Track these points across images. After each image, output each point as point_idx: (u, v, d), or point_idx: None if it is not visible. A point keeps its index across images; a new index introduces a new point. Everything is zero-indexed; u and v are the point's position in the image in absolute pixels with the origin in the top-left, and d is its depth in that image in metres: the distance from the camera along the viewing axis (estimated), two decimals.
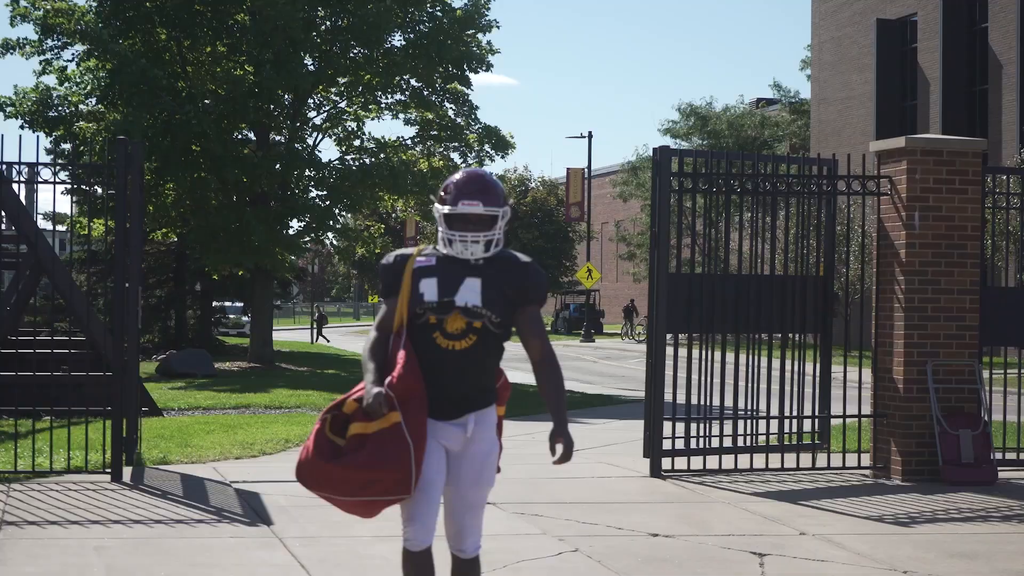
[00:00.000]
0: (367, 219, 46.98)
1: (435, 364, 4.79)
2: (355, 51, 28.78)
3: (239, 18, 27.87)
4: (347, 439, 4.74)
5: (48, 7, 27.32)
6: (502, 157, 31.00)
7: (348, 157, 29.96)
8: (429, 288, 4.78)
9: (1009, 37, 38.50)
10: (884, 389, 11.02)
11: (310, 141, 30.10)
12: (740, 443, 11.03)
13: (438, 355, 4.78)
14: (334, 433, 4.78)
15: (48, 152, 28.78)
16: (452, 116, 30.27)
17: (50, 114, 27.57)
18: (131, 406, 10.57)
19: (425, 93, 29.72)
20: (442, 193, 4.85)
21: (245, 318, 50.95)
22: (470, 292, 4.77)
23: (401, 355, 4.73)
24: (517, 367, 30.63)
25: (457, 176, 4.87)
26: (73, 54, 28.31)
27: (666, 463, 10.79)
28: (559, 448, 4.92)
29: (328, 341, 51.11)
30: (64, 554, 7.39)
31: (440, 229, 4.81)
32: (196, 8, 26.98)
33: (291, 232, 29.46)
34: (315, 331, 52.33)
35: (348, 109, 30.47)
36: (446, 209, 4.79)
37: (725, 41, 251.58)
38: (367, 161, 29.54)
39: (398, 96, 30.17)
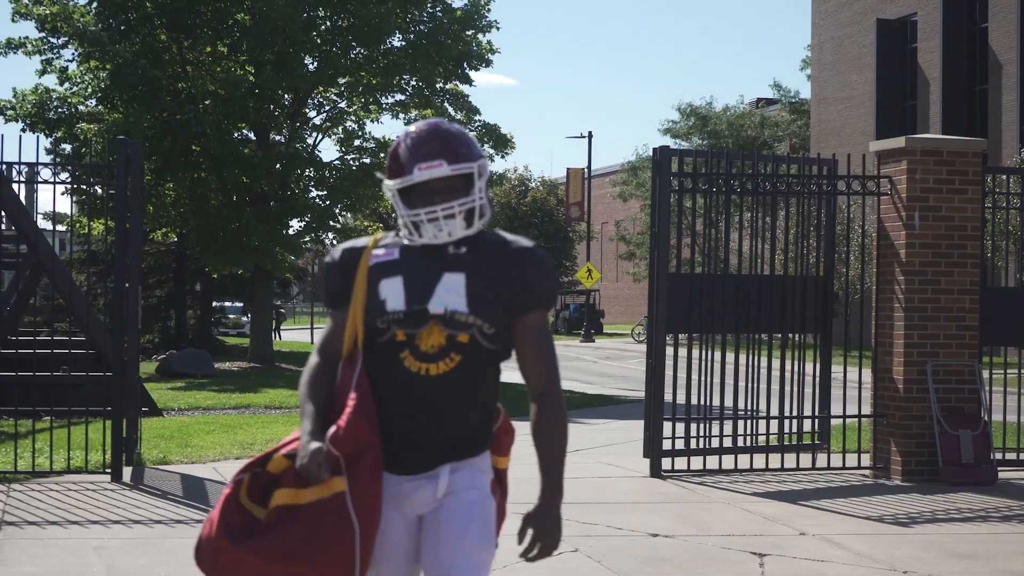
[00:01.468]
0: (367, 219, 46.99)
1: (402, 396, 3.37)
2: (355, 51, 28.79)
3: (239, 18, 27.87)
4: (269, 510, 3.34)
5: (47, 11, 27.32)
6: (502, 156, 31.00)
7: (348, 157, 29.97)
8: (392, 292, 3.39)
9: (1009, 37, 38.49)
10: (884, 389, 11.02)
11: (310, 141, 30.12)
12: (740, 443, 11.03)
13: (407, 383, 3.37)
14: (252, 500, 3.40)
15: (48, 152, 28.79)
16: (452, 114, 30.27)
17: (49, 116, 27.57)
18: (131, 406, 10.57)
19: (426, 93, 29.74)
20: (389, 164, 3.46)
21: (245, 318, 50.96)
22: (450, 293, 3.38)
23: (352, 396, 3.36)
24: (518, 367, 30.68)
25: (404, 135, 3.46)
26: (73, 54, 28.33)
27: (666, 463, 10.79)
28: (529, 534, 3.48)
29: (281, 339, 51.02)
30: (64, 554, 7.40)
31: (399, 213, 3.44)
32: (196, 8, 26.97)
33: (291, 232, 29.46)
34: (275, 330, 52.23)
35: (348, 109, 30.49)
36: (397, 183, 3.41)
37: (725, 41, 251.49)
38: (367, 161, 29.56)
39: (398, 96, 30.19)
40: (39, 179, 10.47)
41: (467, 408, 3.43)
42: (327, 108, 30.68)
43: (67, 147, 27.52)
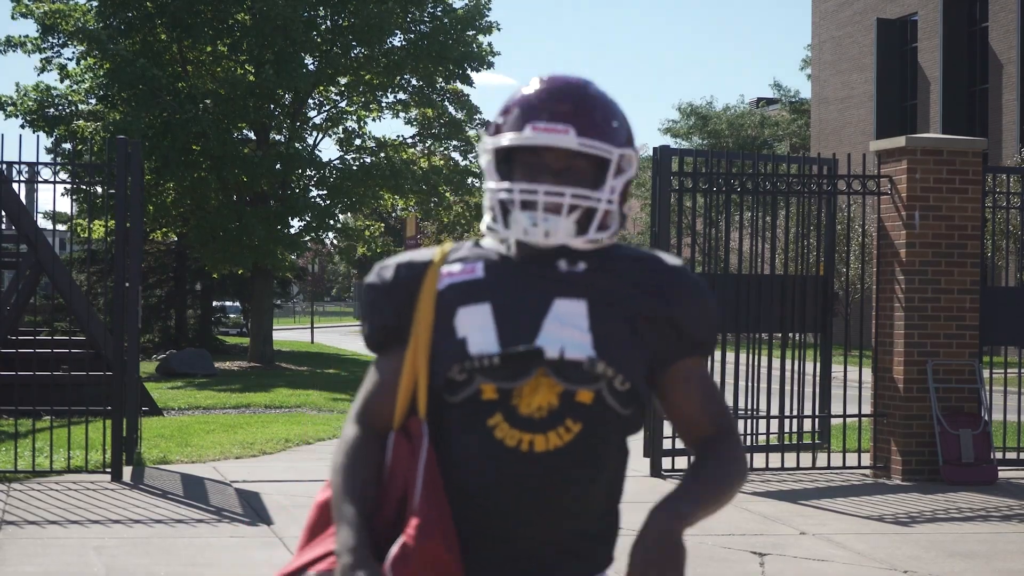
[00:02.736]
0: (367, 219, 47.03)
1: (490, 484, 2.27)
2: (356, 51, 28.79)
3: (239, 18, 27.87)
4: None
5: (47, 8, 27.33)
6: None
7: (348, 157, 29.98)
8: (477, 326, 2.31)
9: (1009, 37, 38.49)
10: (884, 389, 11.02)
11: (310, 141, 30.12)
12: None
13: (499, 465, 2.26)
14: None
15: (48, 152, 28.80)
16: (453, 114, 30.29)
17: (50, 112, 27.58)
18: (131, 406, 10.57)
19: (426, 92, 29.74)
20: (498, 118, 2.41)
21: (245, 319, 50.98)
22: (567, 328, 2.29)
23: (419, 493, 2.24)
24: None
25: (530, 82, 2.42)
26: (73, 52, 28.35)
27: (666, 463, 10.79)
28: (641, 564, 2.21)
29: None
30: (64, 554, 7.39)
31: (487, 191, 2.38)
32: (196, 7, 26.97)
33: (291, 231, 29.45)
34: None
35: (348, 109, 30.49)
36: (496, 139, 2.36)
37: (725, 41, 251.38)
38: (367, 160, 29.56)
39: (399, 95, 30.19)
40: (39, 179, 10.47)
41: (588, 503, 2.30)
42: (327, 108, 30.68)
43: (67, 146, 27.52)
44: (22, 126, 27.52)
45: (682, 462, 10.89)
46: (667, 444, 10.85)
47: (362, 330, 2.48)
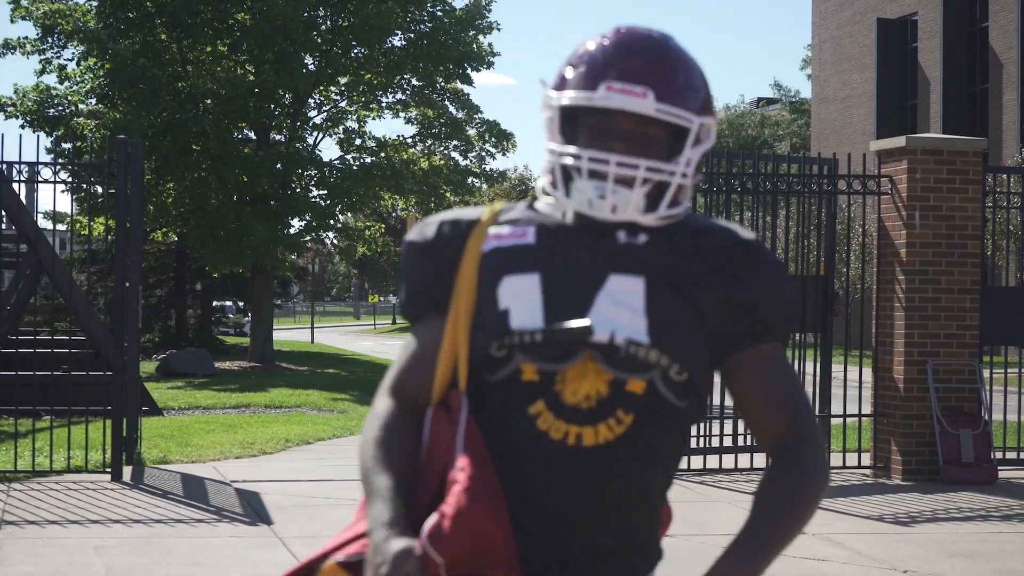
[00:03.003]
0: (367, 219, 47.02)
1: (531, 480, 2.06)
2: (356, 50, 28.79)
3: (239, 17, 27.87)
4: None
5: (47, 8, 27.33)
6: (503, 153, 31.01)
7: (349, 156, 29.98)
8: (521, 297, 2.08)
9: (1009, 36, 38.49)
10: (884, 388, 11.02)
11: (310, 140, 30.12)
12: (740, 442, 11.02)
13: (540, 458, 2.05)
14: None
15: (48, 152, 28.80)
16: (453, 113, 30.31)
17: (50, 113, 27.58)
18: (131, 406, 10.57)
19: (427, 92, 29.75)
20: (565, 69, 2.15)
21: (245, 318, 51.00)
22: (620, 308, 2.07)
23: (463, 461, 2.02)
24: None
25: (603, 35, 2.15)
26: (73, 53, 28.35)
27: None
28: None
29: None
30: (64, 554, 7.39)
31: (548, 147, 2.14)
32: (196, 7, 26.98)
33: (291, 232, 29.46)
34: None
35: (349, 109, 30.49)
36: (564, 96, 2.12)
37: (725, 41, 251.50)
38: (367, 160, 29.56)
39: (399, 95, 30.20)
40: (39, 179, 10.47)
41: (638, 503, 2.09)
42: (327, 107, 30.69)
43: (67, 146, 27.52)
44: (22, 126, 27.54)
45: (682, 462, 10.90)
46: None
47: (398, 295, 2.26)
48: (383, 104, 30.49)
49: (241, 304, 46.24)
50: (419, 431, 2.13)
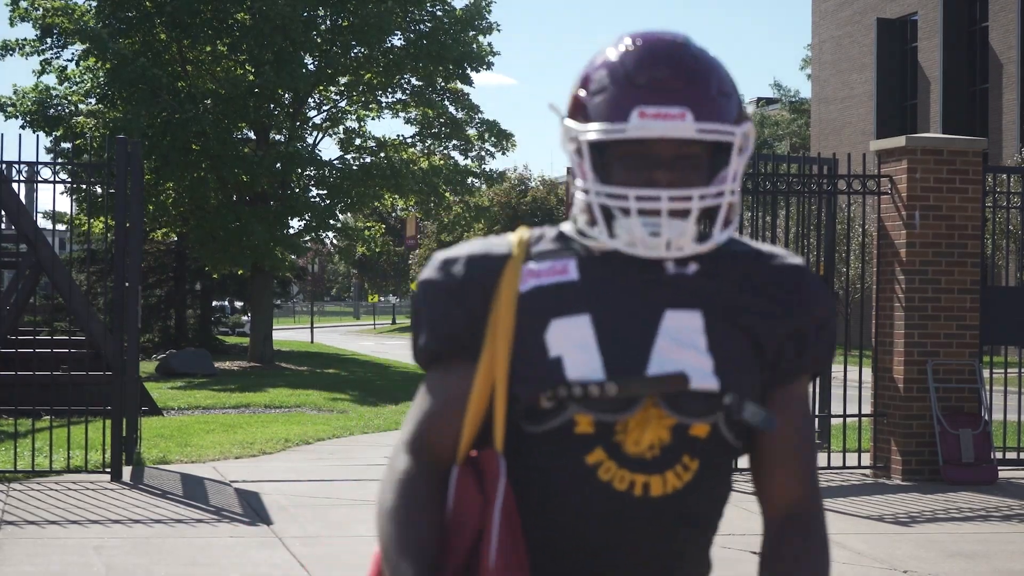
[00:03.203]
0: (367, 219, 47.04)
1: (597, 530, 1.90)
2: (355, 50, 28.80)
3: (239, 17, 27.88)
4: None
5: (48, 5, 27.34)
6: (503, 152, 31.02)
7: (348, 156, 29.98)
8: (575, 343, 1.89)
9: (1009, 36, 38.49)
10: (884, 388, 11.02)
11: (310, 140, 30.13)
12: None
13: (608, 510, 1.89)
14: None
15: (48, 151, 28.80)
16: (453, 113, 30.31)
17: (50, 113, 27.59)
18: (131, 405, 10.57)
19: (426, 92, 29.75)
20: (581, 91, 1.94)
21: (244, 318, 51.01)
22: (684, 349, 1.90)
23: (495, 537, 1.84)
24: None
25: (621, 45, 1.94)
26: (73, 53, 28.36)
27: None
28: None
29: None
30: (64, 554, 7.39)
31: (579, 185, 1.94)
32: (196, 8, 26.98)
33: (291, 232, 29.46)
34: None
35: (348, 108, 30.50)
36: (592, 130, 1.90)
37: (725, 41, 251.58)
38: (367, 160, 29.56)
39: (399, 95, 30.20)
40: (39, 179, 10.47)
41: (700, 548, 1.98)
42: (327, 107, 30.69)
43: (67, 146, 27.52)
44: (22, 126, 27.54)
45: None
46: None
47: (416, 340, 1.99)
48: (383, 104, 30.49)
49: (239, 304, 46.24)
50: (443, 496, 1.92)
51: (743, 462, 2.26)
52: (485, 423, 1.92)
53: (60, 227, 35.41)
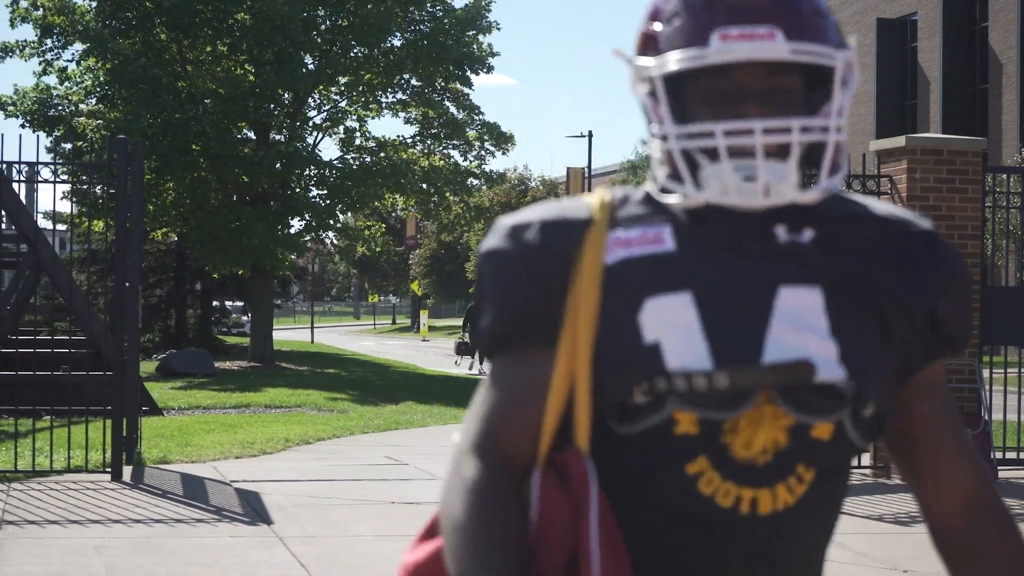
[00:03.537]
0: (367, 219, 47.05)
1: (696, 557, 1.62)
2: (355, 50, 28.81)
3: (239, 17, 27.89)
4: None
5: (48, 5, 27.35)
6: (503, 153, 31.03)
7: (349, 156, 30.00)
8: (676, 326, 1.59)
9: (1009, 37, 38.50)
10: None
11: (310, 140, 30.15)
12: None
13: (710, 531, 1.61)
14: None
15: (48, 151, 28.82)
16: (453, 113, 30.33)
17: (50, 113, 27.61)
18: (131, 406, 10.57)
19: (426, 92, 29.77)
20: (651, 24, 1.66)
21: (245, 318, 51.03)
22: (804, 332, 1.59)
23: (595, 554, 1.54)
24: None
25: None
26: (73, 54, 28.38)
27: None
28: None
29: None
30: (64, 553, 7.39)
31: (655, 131, 1.64)
32: (196, 8, 27.00)
33: (291, 231, 29.48)
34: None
35: (348, 108, 30.51)
36: (668, 61, 1.60)
37: None
38: (367, 160, 29.58)
39: (399, 95, 30.22)
40: (39, 179, 10.48)
41: (812, 567, 1.69)
42: (327, 107, 30.71)
43: (68, 146, 27.53)
44: (22, 126, 27.57)
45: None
46: None
47: (479, 321, 1.68)
48: (383, 104, 30.51)
49: (240, 304, 46.25)
50: (521, 505, 1.61)
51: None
52: (564, 419, 1.64)
53: (60, 227, 35.40)
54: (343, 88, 30.13)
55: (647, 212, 1.65)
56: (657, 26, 1.64)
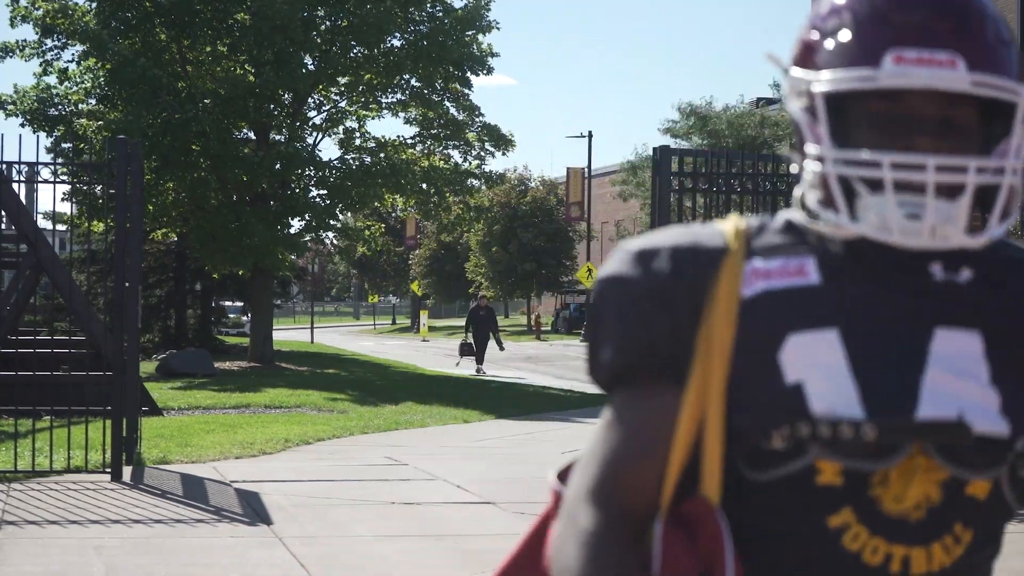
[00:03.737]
0: (367, 219, 47.09)
1: None
2: (355, 50, 28.83)
3: (239, 17, 27.89)
4: None
5: (48, 7, 27.35)
6: (503, 154, 31.05)
7: (348, 156, 30.01)
8: (822, 367, 1.46)
9: None
10: None
11: (310, 140, 30.16)
12: None
13: None
14: None
15: (48, 151, 28.83)
16: (454, 114, 30.33)
17: (50, 112, 27.61)
18: (131, 406, 10.58)
19: (426, 93, 29.77)
20: (812, 33, 1.53)
21: (245, 318, 51.05)
22: (961, 378, 1.46)
23: None
24: (518, 367, 30.60)
25: None
26: (73, 54, 28.38)
27: None
28: None
29: None
30: (64, 554, 7.39)
31: (812, 151, 1.49)
32: (196, 8, 27.01)
33: (291, 232, 29.49)
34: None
35: (348, 109, 30.53)
36: (837, 81, 1.46)
37: (725, 41, 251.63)
38: (367, 160, 29.59)
39: (398, 96, 30.22)
40: (39, 179, 10.48)
41: None
42: (327, 107, 30.72)
43: (67, 146, 27.53)
44: (22, 125, 27.58)
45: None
46: None
47: (597, 353, 1.55)
48: (383, 104, 30.53)
49: (240, 304, 46.27)
50: (640, 558, 1.49)
51: None
52: (688, 466, 1.51)
53: (60, 227, 35.42)
54: (343, 88, 30.14)
55: (788, 242, 1.53)
56: (818, 36, 1.51)
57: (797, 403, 1.43)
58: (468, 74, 29.53)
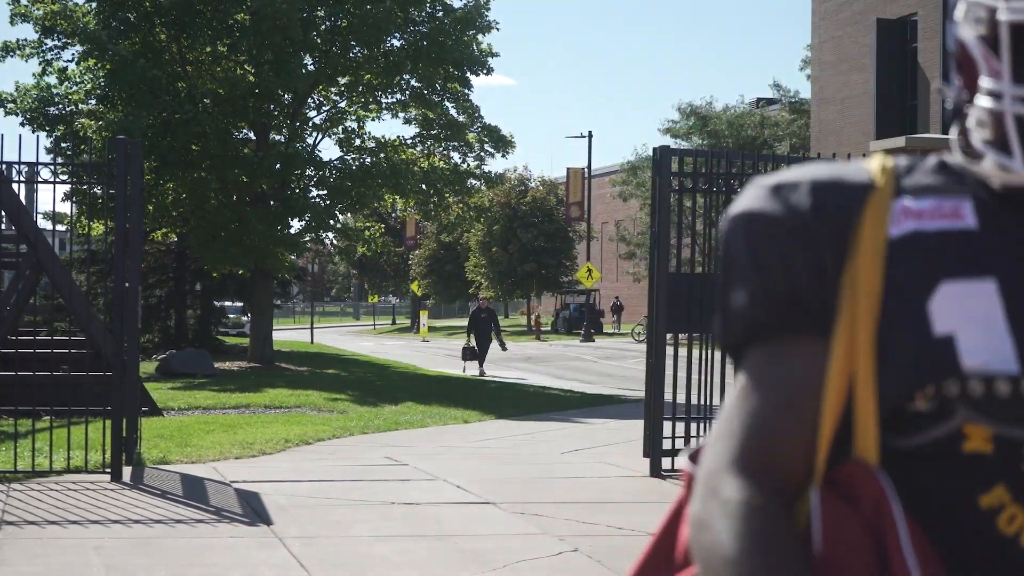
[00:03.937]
0: (367, 219, 47.04)
1: None
2: (355, 51, 28.83)
3: (239, 18, 27.90)
4: None
5: (48, 8, 27.35)
6: (503, 155, 31.05)
7: (348, 157, 30.02)
8: (976, 318, 1.28)
9: None
10: None
11: (310, 141, 30.16)
12: None
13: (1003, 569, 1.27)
14: None
15: (48, 151, 28.82)
16: (454, 115, 30.32)
17: (50, 111, 27.62)
18: (131, 406, 10.58)
19: (425, 93, 29.78)
20: None
21: (245, 318, 51.04)
22: None
23: (913, 567, 1.22)
24: (518, 367, 30.61)
25: None
26: (73, 54, 28.38)
27: (666, 463, 10.79)
28: None
29: None
30: (64, 554, 7.39)
31: (982, 92, 1.42)
32: (196, 8, 27.01)
33: (291, 232, 29.49)
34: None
35: (348, 109, 30.53)
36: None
37: (725, 41, 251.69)
38: (367, 160, 29.60)
39: (398, 96, 30.23)
40: (39, 179, 10.48)
41: None
42: (327, 108, 30.72)
43: (67, 146, 27.53)
44: (22, 124, 27.58)
45: (682, 462, 10.90)
46: (667, 444, 10.85)
47: (729, 304, 1.37)
48: (382, 105, 30.53)
49: (240, 304, 46.25)
50: (798, 531, 1.31)
51: None
52: (839, 429, 1.33)
53: (60, 228, 35.40)
54: (343, 88, 30.15)
55: (941, 182, 1.38)
56: None
57: (947, 357, 1.26)
58: (468, 74, 29.53)
